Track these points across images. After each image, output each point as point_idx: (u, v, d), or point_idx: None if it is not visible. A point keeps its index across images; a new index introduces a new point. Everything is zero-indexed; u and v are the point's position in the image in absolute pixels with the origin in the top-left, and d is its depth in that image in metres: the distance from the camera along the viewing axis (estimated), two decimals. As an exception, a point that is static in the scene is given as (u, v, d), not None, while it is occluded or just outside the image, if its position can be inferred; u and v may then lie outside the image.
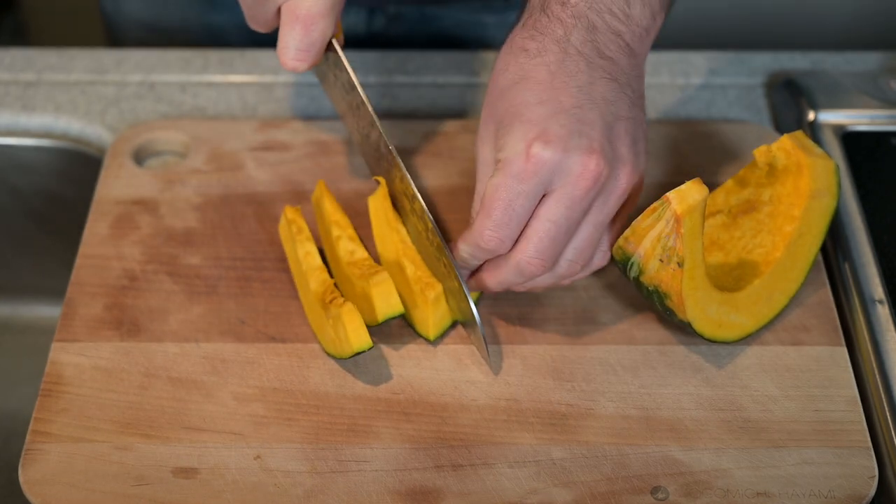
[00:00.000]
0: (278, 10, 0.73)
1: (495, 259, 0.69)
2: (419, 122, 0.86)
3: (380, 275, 0.71)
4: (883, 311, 0.74)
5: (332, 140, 0.85)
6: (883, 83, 0.89)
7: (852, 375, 0.72)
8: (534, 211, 0.66)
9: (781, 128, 0.89)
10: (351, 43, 0.78)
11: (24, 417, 0.70)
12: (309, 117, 0.89)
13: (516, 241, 0.67)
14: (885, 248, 0.78)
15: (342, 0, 0.73)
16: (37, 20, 1.87)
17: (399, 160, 0.73)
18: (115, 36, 1.09)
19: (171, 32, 1.04)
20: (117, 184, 0.82)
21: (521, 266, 0.67)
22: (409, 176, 0.72)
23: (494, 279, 0.69)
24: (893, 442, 0.69)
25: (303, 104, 0.91)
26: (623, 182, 0.67)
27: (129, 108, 0.90)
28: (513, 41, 0.69)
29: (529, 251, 0.66)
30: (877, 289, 0.76)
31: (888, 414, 0.70)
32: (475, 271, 0.71)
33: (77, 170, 0.90)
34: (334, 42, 0.75)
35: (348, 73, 0.75)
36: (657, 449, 0.68)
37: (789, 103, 0.89)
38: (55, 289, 0.85)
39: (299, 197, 0.81)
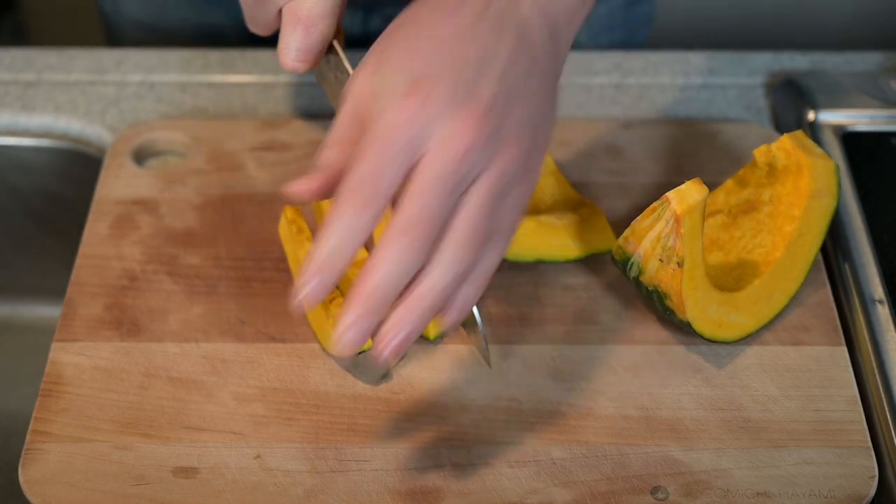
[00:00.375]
0: (279, 12, 0.73)
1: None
2: (419, 122, 0.86)
3: (380, 275, 0.71)
4: (883, 311, 0.74)
5: (332, 140, 0.85)
6: (883, 83, 0.89)
7: (852, 375, 0.72)
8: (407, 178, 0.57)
9: (781, 128, 0.89)
10: (347, 42, 0.78)
11: (24, 417, 0.70)
12: (309, 117, 0.89)
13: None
14: (885, 248, 0.78)
15: (344, 1, 0.73)
16: (37, 20, 1.87)
17: None
18: (114, 36, 1.09)
19: (171, 32, 1.04)
20: (117, 184, 0.82)
21: (402, 237, 0.56)
22: None
23: (374, 276, 0.56)
24: (893, 442, 0.69)
25: (303, 104, 0.91)
26: (501, 163, 0.58)
27: (129, 108, 0.90)
28: None
29: (412, 211, 0.56)
30: (877, 289, 0.76)
31: (888, 414, 0.70)
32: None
33: (77, 170, 0.90)
34: (335, 43, 0.75)
35: (349, 75, 0.75)
36: (657, 449, 0.68)
37: (789, 103, 0.89)
38: (55, 289, 0.85)
39: (299, 197, 0.81)
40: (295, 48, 0.72)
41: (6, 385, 0.95)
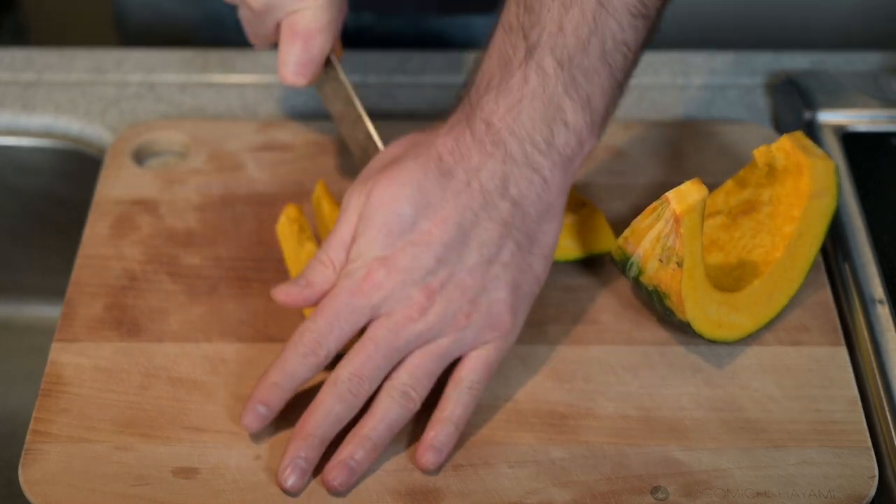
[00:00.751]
0: (277, 26, 0.73)
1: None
2: (419, 122, 0.86)
3: (380, 275, 0.71)
4: (883, 311, 0.74)
5: (332, 140, 0.85)
6: (883, 83, 0.89)
7: (852, 375, 0.72)
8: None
9: (781, 128, 0.89)
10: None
11: (24, 417, 0.70)
12: (309, 117, 0.89)
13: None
14: (885, 248, 0.78)
15: (341, 16, 0.73)
16: (37, 20, 1.87)
17: None
18: (122, 23, 1.09)
19: (173, 16, 1.04)
20: (117, 184, 0.82)
21: (334, 389, 0.65)
22: None
23: (313, 420, 0.65)
24: (893, 442, 0.69)
25: (303, 104, 0.91)
26: (450, 338, 0.66)
27: (129, 108, 0.90)
28: (436, 139, 0.67)
29: (350, 366, 0.65)
30: (877, 289, 0.76)
31: (888, 414, 0.70)
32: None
33: (77, 170, 0.90)
34: (332, 57, 0.75)
35: (346, 88, 0.75)
36: (657, 449, 0.68)
37: (789, 103, 0.89)
38: (55, 289, 0.85)
39: (299, 197, 0.81)
40: (294, 62, 0.73)
41: (6, 385, 0.95)
